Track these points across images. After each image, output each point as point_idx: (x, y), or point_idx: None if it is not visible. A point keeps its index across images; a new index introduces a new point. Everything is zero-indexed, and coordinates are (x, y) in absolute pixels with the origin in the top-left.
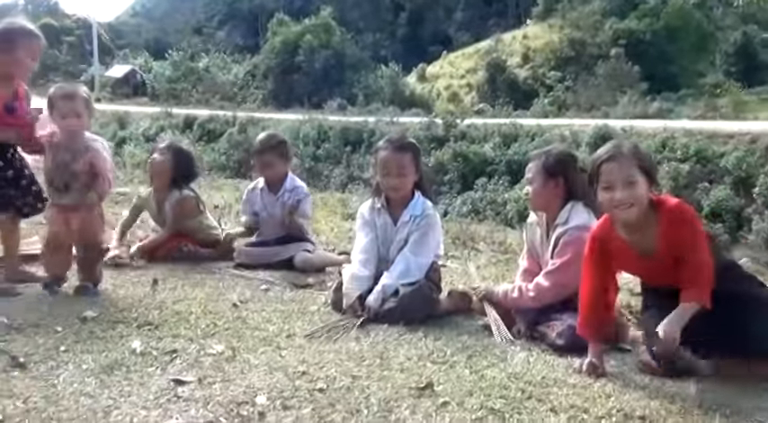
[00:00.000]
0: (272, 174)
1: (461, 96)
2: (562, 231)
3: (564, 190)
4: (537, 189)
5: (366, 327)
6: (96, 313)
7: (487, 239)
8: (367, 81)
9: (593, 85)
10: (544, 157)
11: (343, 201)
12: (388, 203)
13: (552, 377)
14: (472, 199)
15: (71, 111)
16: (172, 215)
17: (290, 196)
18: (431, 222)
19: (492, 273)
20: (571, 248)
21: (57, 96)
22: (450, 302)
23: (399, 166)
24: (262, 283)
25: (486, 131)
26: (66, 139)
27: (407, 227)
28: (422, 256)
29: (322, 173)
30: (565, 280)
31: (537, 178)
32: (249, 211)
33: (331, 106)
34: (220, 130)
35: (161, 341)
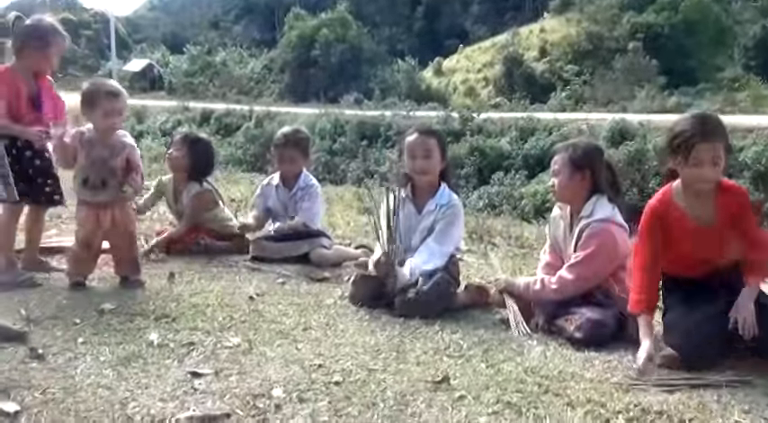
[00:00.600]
0: (289, 169)
1: (478, 90)
2: (586, 224)
3: (590, 183)
4: (563, 181)
5: (381, 319)
6: (114, 306)
7: (504, 234)
8: (383, 75)
9: (611, 79)
10: (571, 150)
11: (359, 195)
12: (414, 194)
13: (569, 371)
14: (488, 193)
15: (115, 109)
16: (189, 208)
17: (303, 195)
18: (456, 213)
19: (508, 267)
20: (595, 241)
21: (101, 93)
22: (468, 296)
23: (426, 149)
24: (278, 277)
25: (502, 125)
26: (104, 136)
27: (432, 215)
28: (445, 246)
29: (338, 167)
30: (588, 273)
31: (563, 170)
32: (263, 206)
33: (347, 100)
34: (237, 124)
35: (178, 334)
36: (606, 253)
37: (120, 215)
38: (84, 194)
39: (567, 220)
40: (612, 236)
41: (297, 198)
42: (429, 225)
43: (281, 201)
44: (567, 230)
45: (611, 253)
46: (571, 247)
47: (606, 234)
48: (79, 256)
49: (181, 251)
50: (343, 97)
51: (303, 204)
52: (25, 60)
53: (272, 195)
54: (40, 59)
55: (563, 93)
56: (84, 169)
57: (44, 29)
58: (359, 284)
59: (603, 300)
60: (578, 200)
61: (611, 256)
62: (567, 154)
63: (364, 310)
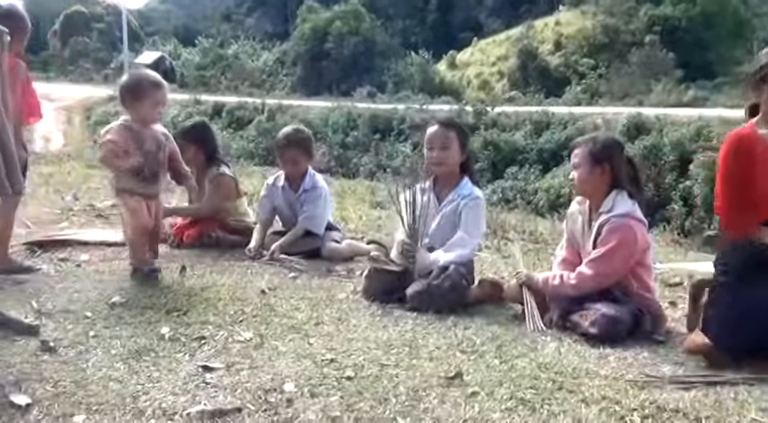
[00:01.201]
0: (294, 169)
1: (492, 84)
2: (606, 219)
3: (610, 177)
4: (583, 175)
5: (394, 314)
6: (125, 299)
7: (518, 228)
8: (396, 68)
9: (627, 72)
10: (591, 144)
11: (371, 189)
12: (435, 186)
13: (584, 368)
14: (502, 188)
15: (160, 99)
16: (209, 191)
17: (306, 197)
18: (480, 204)
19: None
20: (615, 236)
21: (147, 84)
22: (481, 291)
23: (444, 140)
24: (290, 271)
25: (517, 119)
26: (148, 128)
27: (452, 205)
28: (473, 236)
29: (351, 160)
30: (609, 269)
31: (583, 164)
32: (268, 207)
33: (360, 93)
34: (249, 117)
35: (189, 327)
36: (626, 249)
37: (158, 208)
38: (136, 185)
39: (586, 215)
40: (633, 231)
41: (302, 200)
42: (448, 214)
43: (288, 201)
44: (586, 226)
45: (631, 249)
46: (590, 243)
47: (627, 229)
48: (141, 244)
49: (191, 244)
50: (355, 90)
51: (305, 209)
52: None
53: (278, 195)
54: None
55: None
56: (137, 161)
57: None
58: (372, 278)
59: (620, 296)
60: (598, 194)
61: (631, 251)
62: (587, 148)
63: (377, 304)
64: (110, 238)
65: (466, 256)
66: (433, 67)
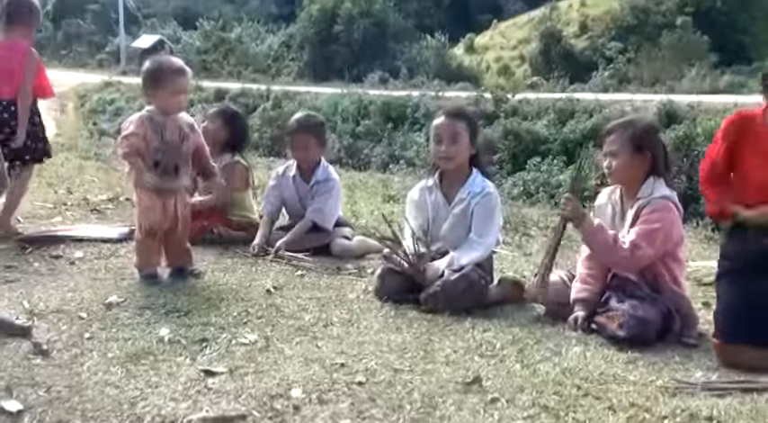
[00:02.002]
0: (305, 156)
1: (513, 69)
2: (645, 201)
3: (649, 165)
4: (624, 163)
5: (408, 316)
6: (122, 299)
7: (540, 224)
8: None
9: (658, 56)
10: (631, 129)
11: (384, 181)
12: (442, 182)
13: (611, 373)
14: (524, 180)
15: (182, 87)
16: (224, 180)
17: (318, 189)
18: (492, 201)
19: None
20: (658, 215)
21: (168, 70)
22: (501, 291)
23: (452, 132)
24: (297, 269)
25: (539, 107)
26: (171, 117)
27: (463, 204)
28: (486, 236)
29: (362, 151)
30: (656, 247)
31: (623, 151)
32: (276, 199)
33: (372, 79)
34: (253, 104)
35: (190, 329)
36: (666, 231)
37: (181, 203)
38: (153, 179)
39: (618, 205)
40: (675, 214)
41: (314, 192)
42: (460, 214)
43: (299, 194)
44: (618, 216)
45: (669, 232)
46: (624, 231)
47: (669, 210)
48: (147, 246)
49: (192, 241)
50: (367, 76)
51: (315, 201)
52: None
53: (289, 186)
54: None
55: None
56: (157, 152)
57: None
58: (385, 278)
59: (650, 293)
60: (635, 182)
61: (668, 235)
62: (627, 133)
63: (390, 305)
64: (106, 234)
65: (480, 259)
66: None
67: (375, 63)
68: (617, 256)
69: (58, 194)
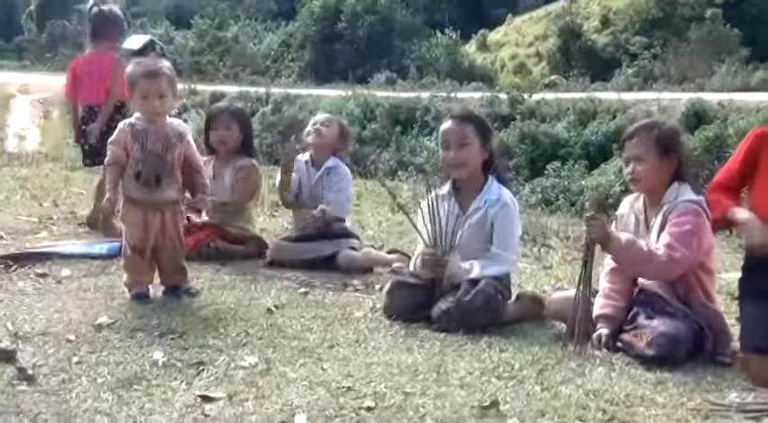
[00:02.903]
0: (320, 139)
1: (529, 67)
2: (672, 206)
3: (675, 169)
4: (650, 167)
5: (419, 335)
6: (113, 320)
7: (561, 234)
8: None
9: (686, 52)
10: (657, 130)
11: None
12: (456, 191)
13: (638, 395)
14: (542, 187)
15: (153, 91)
16: (238, 184)
17: (330, 177)
18: (510, 211)
19: (566, 273)
20: (687, 218)
21: (137, 73)
22: (520, 307)
23: (460, 137)
24: (300, 286)
25: (558, 108)
26: (153, 124)
27: (479, 214)
28: (512, 249)
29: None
30: (690, 253)
31: (649, 154)
32: (294, 182)
33: (378, 80)
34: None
35: (186, 352)
36: (697, 235)
37: (170, 218)
38: (133, 191)
39: (642, 213)
40: (704, 219)
41: (324, 181)
42: (476, 225)
43: (310, 179)
44: (643, 225)
45: (701, 236)
46: (650, 239)
47: (698, 214)
48: (135, 263)
49: (187, 255)
50: (373, 77)
51: (330, 191)
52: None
53: (302, 170)
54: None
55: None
56: (138, 162)
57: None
58: (394, 294)
59: (679, 308)
60: (660, 188)
61: (700, 239)
62: (653, 135)
63: (399, 323)
64: (95, 251)
65: (503, 273)
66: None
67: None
68: (654, 266)
69: (44, 208)
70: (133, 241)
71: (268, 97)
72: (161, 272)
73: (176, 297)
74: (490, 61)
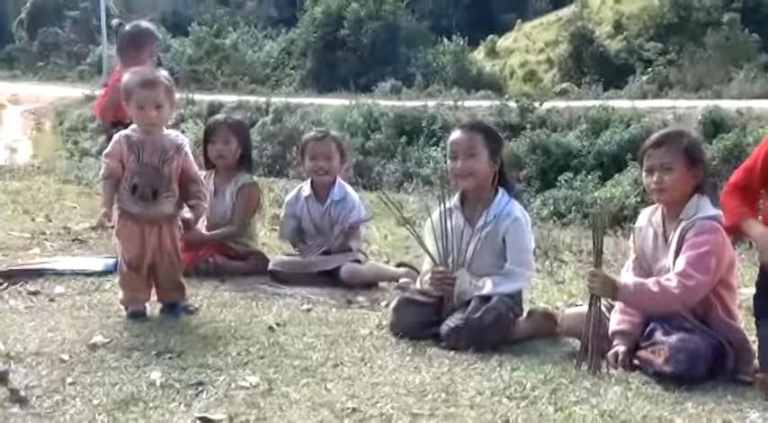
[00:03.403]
0: (325, 168)
1: (540, 74)
2: (690, 223)
3: (698, 181)
4: (679, 178)
5: (427, 353)
6: (108, 339)
7: (574, 248)
8: (425, 58)
9: (702, 58)
10: (685, 139)
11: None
12: (463, 203)
13: (656, 415)
14: (554, 198)
15: (148, 101)
16: (239, 204)
17: (338, 210)
18: (521, 226)
19: (580, 288)
20: (705, 238)
21: (132, 82)
22: (531, 324)
23: (468, 147)
24: (302, 302)
25: (570, 117)
26: (150, 136)
27: (489, 228)
28: (527, 266)
29: (372, 169)
30: (708, 277)
31: (676, 164)
32: (294, 228)
33: (383, 89)
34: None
35: (184, 372)
36: (716, 255)
37: (167, 233)
38: (129, 205)
39: (660, 227)
40: (723, 235)
41: (332, 213)
42: (486, 239)
43: (313, 217)
44: (661, 239)
45: (720, 256)
46: (667, 258)
47: (716, 231)
48: (131, 279)
49: (185, 271)
50: (377, 85)
51: (345, 215)
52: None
53: (304, 213)
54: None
55: (643, 76)
56: (134, 174)
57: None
58: (401, 311)
59: (698, 324)
60: (682, 200)
61: (720, 259)
62: (681, 145)
63: (407, 341)
64: (89, 267)
65: (518, 290)
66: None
67: (386, 70)
68: (668, 301)
69: (36, 223)
70: (129, 257)
71: (268, 107)
72: (158, 289)
73: (174, 315)
74: (499, 68)
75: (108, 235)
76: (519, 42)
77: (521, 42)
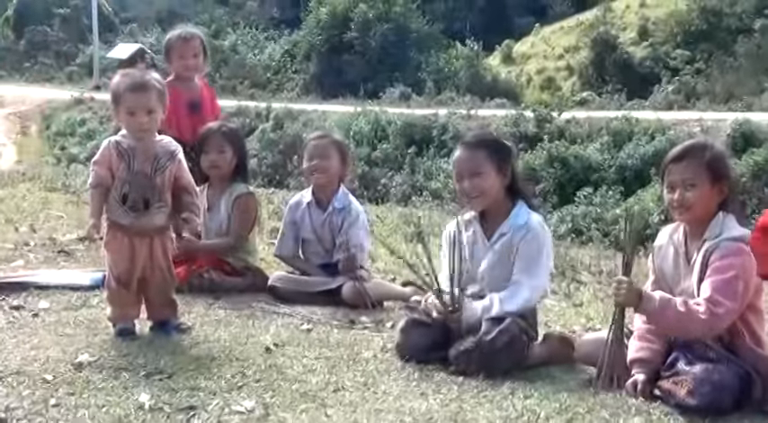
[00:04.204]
0: (325, 178)
1: (558, 82)
2: (714, 244)
3: (724, 197)
4: (703, 194)
5: (434, 378)
6: (94, 358)
7: (592, 268)
8: (437, 63)
9: (732, 67)
10: (709, 153)
11: (405, 217)
12: (482, 216)
13: None
14: (573, 215)
15: (140, 105)
16: (235, 217)
17: (340, 219)
18: (538, 236)
19: (599, 312)
20: (731, 261)
21: (123, 85)
22: (547, 349)
23: (472, 167)
24: (302, 322)
25: (590, 128)
26: (141, 143)
27: (504, 239)
28: (537, 278)
29: (378, 181)
30: (736, 304)
31: (700, 180)
32: (294, 236)
33: (391, 95)
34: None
35: (175, 394)
36: (745, 279)
37: (159, 246)
38: (119, 216)
39: (682, 247)
40: (750, 257)
41: (333, 221)
42: (500, 252)
43: (314, 225)
44: (682, 259)
45: (747, 280)
46: (689, 280)
47: (742, 253)
48: (120, 295)
49: (177, 287)
50: (385, 91)
51: (351, 237)
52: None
53: (304, 219)
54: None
55: (669, 85)
56: (124, 183)
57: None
58: (409, 332)
59: (724, 352)
60: (705, 219)
61: (747, 283)
62: (703, 159)
63: (413, 365)
64: (76, 281)
65: (528, 304)
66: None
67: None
68: (695, 325)
69: (20, 233)
70: (118, 271)
71: (269, 113)
72: (148, 305)
73: (165, 333)
74: (515, 75)
75: (96, 247)
76: (537, 48)
77: (539, 48)
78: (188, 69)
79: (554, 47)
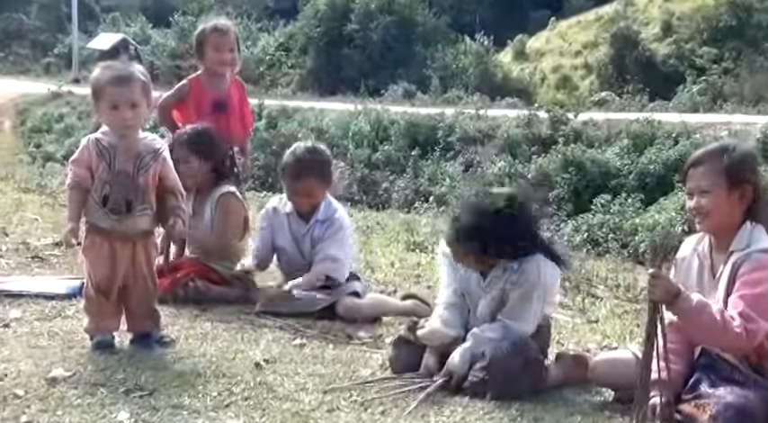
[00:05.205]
0: (307, 203)
1: (575, 81)
2: (741, 257)
3: (748, 204)
4: (718, 203)
5: (437, 397)
6: (70, 373)
7: (609, 282)
8: (444, 59)
9: (763, 67)
10: (726, 158)
11: (407, 224)
12: None
13: None
14: (589, 224)
15: (125, 100)
16: (217, 218)
17: (321, 231)
18: (530, 279)
19: (615, 329)
20: (759, 275)
21: (104, 79)
22: (560, 370)
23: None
24: (295, 336)
25: (609, 131)
26: (123, 140)
27: (500, 283)
28: (523, 322)
29: (379, 185)
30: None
31: (718, 186)
32: (268, 244)
33: (394, 93)
34: None
35: (156, 413)
36: None
37: (142, 252)
38: (99, 219)
39: (707, 259)
40: None
41: (315, 234)
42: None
43: (294, 236)
44: (708, 273)
45: None
46: (715, 295)
47: None
48: (98, 305)
49: (161, 298)
50: (387, 89)
51: (323, 247)
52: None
53: (283, 228)
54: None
55: (695, 86)
56: (104, 184)
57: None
58: (399, 347)
59: (751, 373)
60: (730, 228)
61: None
62: (722, 163)
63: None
64: (50, 289)
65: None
66: (495, 57)
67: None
68: (728, 337)
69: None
70: (97, 279)
71: (261, 110)
72: (129, 316)
73: (147, 347)
74: (528, 73)
75: (73, 253)
76: (552, 44)
77: (554, 44)
78: (223, 64)
79: (571, 43)
